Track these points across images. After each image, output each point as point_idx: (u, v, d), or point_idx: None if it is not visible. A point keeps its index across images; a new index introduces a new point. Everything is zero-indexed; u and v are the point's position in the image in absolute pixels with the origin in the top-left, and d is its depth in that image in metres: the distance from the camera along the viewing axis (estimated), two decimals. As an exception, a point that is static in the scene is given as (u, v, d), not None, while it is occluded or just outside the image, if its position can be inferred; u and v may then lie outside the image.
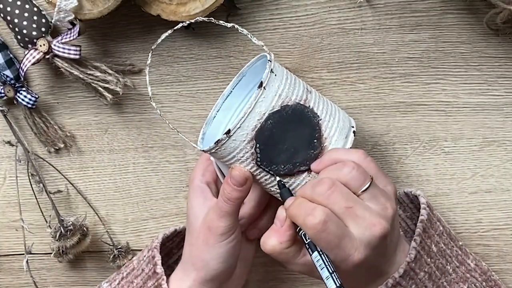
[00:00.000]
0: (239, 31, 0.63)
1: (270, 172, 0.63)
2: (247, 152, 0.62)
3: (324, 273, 0.57)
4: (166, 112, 0.75)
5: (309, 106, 0.62)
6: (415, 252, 0.62)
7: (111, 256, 0.79)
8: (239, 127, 0.61)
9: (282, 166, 0.62)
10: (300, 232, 0.60)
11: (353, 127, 0.65)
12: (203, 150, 0.63)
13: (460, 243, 0.67)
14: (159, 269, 0.68)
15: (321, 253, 0.58)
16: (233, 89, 0.69)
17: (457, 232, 0.75)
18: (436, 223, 0.66)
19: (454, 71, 0.71)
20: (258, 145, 0.61)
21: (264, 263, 0.79)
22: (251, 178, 0.63)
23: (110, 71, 0.72)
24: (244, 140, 0.61)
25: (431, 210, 0.67)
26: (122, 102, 0.75)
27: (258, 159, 0.62)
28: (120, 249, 0.79)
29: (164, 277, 0.68)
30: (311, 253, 0.59)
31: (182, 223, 0.78)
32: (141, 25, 0.72)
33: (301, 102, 0.62)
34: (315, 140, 0.62)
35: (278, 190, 0.64)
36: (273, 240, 0.60)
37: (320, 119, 0.62)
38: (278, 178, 0.63)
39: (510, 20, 0.65)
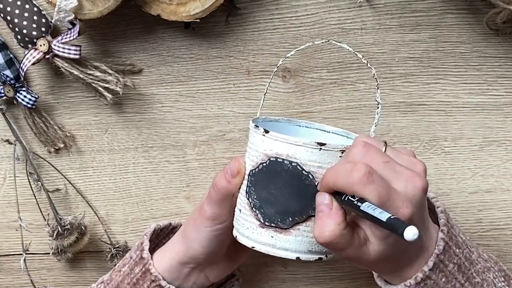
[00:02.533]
0: (357, 56, 0.62)
1: (248, 188, 0.62)
2: (257, 157, 0.61)
3: (377, 211, 0.53)
4: (166, 112, 0.75)
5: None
6: (443, 243, 0.59)
7: (109, 255, 0.79)
8: (273, 139, 0.59)
9: (254, 197, 0.61)
10: (345, 197, 0.56)
11: (327, 256, 0.62)
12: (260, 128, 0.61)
13: (468, 238, 0.66)
14: (146, 254, 0.69)
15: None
16: (333, 132, 0.67)
17: (457, 232, 0.75)
18: (449, 215, 0.65)
19: (454, 71, 0.71)
20: (265, 164, 0.60)
21: (264, 263, 0.79)
22: (242, 174, 0.62)
23: (110, 71, 0.72)
24: (265, 150, 0.60)
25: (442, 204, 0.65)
26: (122, 102, 0.75)
27: (254, 171, 0.61)
28: (118, 248, 0.79)
29: (151, 262, 0.68)
30: (360, 205, 0.54)
31: (182, 223, 0.78)
32: (141, 25, 0.72)
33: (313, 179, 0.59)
34: (290, 219, 0.60)
35: (240, 206, 0.63)
36: (330, 224, 0.56)
37: (314, 217, 0.59)
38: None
39: (510, 20, 0.65)
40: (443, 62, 0.70)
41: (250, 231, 0.61)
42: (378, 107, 0.62)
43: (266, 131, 0.60)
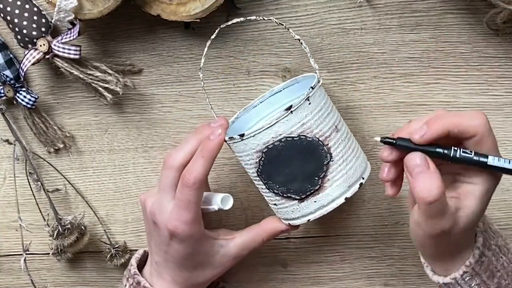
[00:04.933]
0: (303, 46, 0.65)
1: (266, 185, 0.64)
2: (253, 159, 0.63)
3: (505, 161, 0.57)
4: (166, 112, 0.75)
5: (327, 144, 0.63)
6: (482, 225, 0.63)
7: (108, 255, 0.79)
8: (252, 136, 0.62)
9: (277, 186, 0.64)
10: (459, 150, 0.57)
11: (363, 178, 0.65)
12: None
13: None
14: (134, 269, 0.71)
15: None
16: (283, 89, 0.70)
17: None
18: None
19: (454, 71, 0.71)
20: (263, 158, 0.62)
21: (264, 263, 0.79)
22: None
23: (110, 71, 0.72)
24: (254, 149, 0.63)
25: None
26: (122, 102, 0.75)
27: (259, 170, 0.63)
28: (117, 248, 0.79)
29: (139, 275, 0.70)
30: (485, 160, 0.57)
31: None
32: (141, 25, 0.72)
33: (321, 139, 0.62)
34: (316, 178, 0.63)
35: (272, 202, 0.66)
36: (436, 181, 0.55)
37: (332, 161, 0.63)
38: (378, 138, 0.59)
39: (510, 20, 0.65)
40: (443, 62, 0.70)
41: (296, 212, 0.64)
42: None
43: (241, 135, 0.62)
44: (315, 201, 0.63)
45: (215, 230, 0.70)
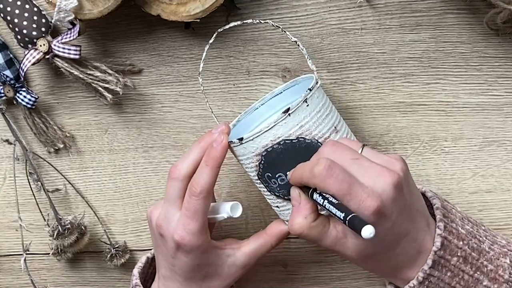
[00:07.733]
0: (300, 48, 0.66)
1: (267, 187, 0.64)
2: (253, 162, 0.63)
3: (332, 209, 0.55)
4: (166, 112, 0.75)
5: None
6: (440, 239, 0.59)
7: (108, 255, 0.79)
8: (251, 140, 0.62)
9: (278, 189, 0.64)
10: (310, 191, 0.59)
11: None
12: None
13: (483, 227, 0.65)
14: (135, 279, 0.70)
15: (329, 198, 0.56)
16: (284, 90, 0.70)
17: (457, 232, 0.75)
18: (452, 210, 0.64)
19: (454, 71, 0.71)
20: (263, 161, 0.62)
21: (264, 263, 0.79)
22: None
23: (110, 71, 0.72)
24: (253, 152, 0.62)
25: (441, 200, 0.65)
26: (122, 102, 0.75)
27: (259, 173, 0.63)
28: (117, 248, 0.79)
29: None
30: (321, 202, 0.56)
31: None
32: (141, 25, 0.72)
33: (319, 141, 0.62)
34: None
35: (274, 204, 0.66)
36: (298, 218, 0.59)
37: None
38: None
39: (510, 20, 0.65)
40: (443, 62, 0.70)
41: None
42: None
43: (240, 139, 0.63)
44: None
45: (221, 240, 0.69)
